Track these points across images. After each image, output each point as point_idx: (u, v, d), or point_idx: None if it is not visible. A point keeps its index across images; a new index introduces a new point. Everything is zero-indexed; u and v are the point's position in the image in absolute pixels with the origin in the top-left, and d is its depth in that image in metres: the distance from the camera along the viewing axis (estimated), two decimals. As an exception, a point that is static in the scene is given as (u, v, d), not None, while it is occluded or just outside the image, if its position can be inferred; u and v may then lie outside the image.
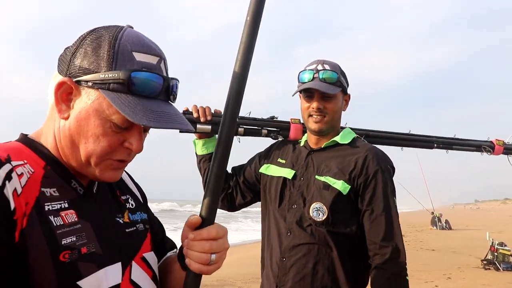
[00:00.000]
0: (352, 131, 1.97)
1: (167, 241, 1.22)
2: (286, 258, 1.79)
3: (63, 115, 0.88)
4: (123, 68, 0.84)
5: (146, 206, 1.16)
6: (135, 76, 0.83)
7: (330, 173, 1.80)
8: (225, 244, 0.94)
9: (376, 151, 1.85)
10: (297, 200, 1.83)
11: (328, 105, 1.83)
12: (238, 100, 0.93)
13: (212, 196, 0.93)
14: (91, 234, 0.88)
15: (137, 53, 0.86)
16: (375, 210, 1.74)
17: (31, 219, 0.78)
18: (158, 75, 0.87)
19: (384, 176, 1.77)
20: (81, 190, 0.93)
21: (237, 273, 8.23)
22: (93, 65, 0.85)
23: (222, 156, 0.93)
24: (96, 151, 0.87)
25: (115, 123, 0.86)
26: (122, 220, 1.00)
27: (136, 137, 0.89)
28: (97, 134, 0.86)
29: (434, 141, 2.39)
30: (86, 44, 0.86)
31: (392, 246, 1.70)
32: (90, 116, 0.86)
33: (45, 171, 0.87)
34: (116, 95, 0.83)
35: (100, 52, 0.85)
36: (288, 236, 1.80)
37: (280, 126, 2.08)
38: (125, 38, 0.86)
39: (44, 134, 0.93)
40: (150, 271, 1.01)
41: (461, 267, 9.83)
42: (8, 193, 0.76)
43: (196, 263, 0.91)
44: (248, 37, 0.94)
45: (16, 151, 0.86)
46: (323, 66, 1.85)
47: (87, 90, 0.85)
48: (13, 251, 0.76)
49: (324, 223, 1.75)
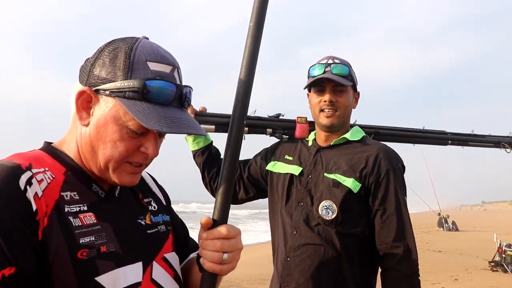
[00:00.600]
0: (361, 130, 1.94)
1: (190, 241, 1.26)
2: (291, 258, 1.75)
3: (83, 122, 0.93)
4: (138, 77, 0.88)
5: (169, 208, 1.21)
6: (149, 85, 0.88)
7: (340, 170, 1.76)
8: (238, 244, 0.97)
9: (387, 150, 1.81)
10: (304, 198, 1.78)
11: (340, 99, 1.80)
12: (245, 105, 0.97)
13: (224, 197, 0.97)
14: (111, 235, 0.92)
15: (152, 63, 0.91)
16: (387, 210, 1.70)
17: (51, 220, 0.84)
18: (171, 83, 0.91)
19: (395, 175, 1.74)
20: (103, 193, 0.97)
21: (244, 273, 8.24)
22: (110, 75, 0.90)
23: (232, 159, 0.97)
24: (114, 156, 0.92)
25: (131, 129, 0.90)
26: (144, 222, 1.05)
27: (151, 142, 0.94)
28: (115, 139, 0.91)
29: (449, 138, 2.28)
30: (104, 55, 0.92)
31: (404, 246, 1.67)
32: (108, 122, 0.90)
33: (65, 177, 0.92)
34: (132, 102, 0.88)
35: (117, 63, 0.90)
36: (294, 235, 1.76)
37: (286, 125, 2.05)
38: (140, 48, 0.91)
39: (67, 141, 0.99)
40: (172, 271, 1.05)
41: (468, 268, 9.78)
42: (30, 196, 0.82)
43: (209, 262, 0.94)
44: (252, 43, 0.97)
45: (37, 159, 0.92)
46: (334, 61, 1.83)
47: (105, 98, 0.90)
48: (38, 248, 0.81)
49: (333, 222, 1.70)
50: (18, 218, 0.79)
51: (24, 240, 0.79)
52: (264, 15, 0.98)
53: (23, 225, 0.79)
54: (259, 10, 0.97)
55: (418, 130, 2.25)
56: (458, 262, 10.76)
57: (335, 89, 1.81)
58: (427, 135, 2.26)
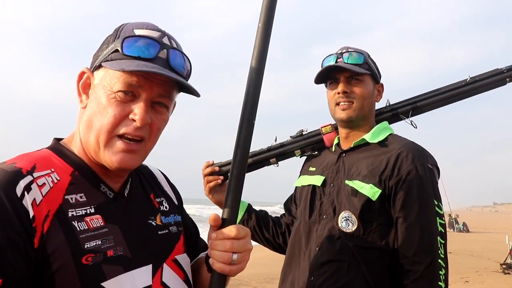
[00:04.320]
0: (388, 126, 1.73)
1: (200, 241, 1.24)
2: (315, 277, 1.55)
3: (82, 105, 0.93)
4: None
5: (181, 208, 1.19)
6: (127, 40, 0.88)
7: (360, 176, 1.57)
8: (247, 245, 0.95)
9: (412, 148, 1.57)
10: (328, 210, 1.61)
11: (355, 88, 1.64)
12: (254, 104, 0.97)
13: (233, 197, 0.96)
14: (119, 237, 0.90)
15: (138, 30, 0.92)
16: (408, 217, 1.48)
17: (52, 225, 0.82)
18: (152, 39, 0.90)
19: (419, 176, 1.50)
20: (111, 194, 0.95)
21: (252, 273, 8.24)
22: (101, 51, 0.93)
23: (242, 158, 0.96)
24: (102, 125, 0.89)
25: (118, 90, 0.88)
26: (154, 222, 1.02)
27: (141, 107, 0.89)
28: (104, 106, 0.89)
29: (506, 75, 1.83)
30: (103, 42, 0.95)
31: (427, 262, 1.42)
32: (99, 94, 0.90)
33: (72, 178, 0.90)
34: (114, 62, 0.88)
35: (109, 39, 0.93)
36: (317, 252, 1.57)
37: (312, 141, 1.86)
38: (129, 23, 0.94)
39: (75, 136, 0.97)
40: (182, 273, 1.03)
41: (479, 270, 9.65)
42: (27, 202, 0.80)
43: (218, 262, 0.93)
44: (260, 43, 0.97)
45: (44, 160, 0.90)
46: (347, 50, 1.68)
47: (98, 72, 0.92)
48: (32, 256, 0.79)
49: (354, 235, 1.51)
50: (10, 227, 0.77)
51: (14, 249, 0.77)
52: (272, 15, 0.98)
53: (15, 234, 0.77)
54: (267, 11, 0.97)
55: (463, 84, 1.84)
56: (469, 264, 10.63)
57: (349, 79, 1.65)
58: (477, 84, 1.83)
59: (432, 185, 1.52)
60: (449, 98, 1.84)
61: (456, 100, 1.85)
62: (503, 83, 1.84)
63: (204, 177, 1.89)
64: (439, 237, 1.47)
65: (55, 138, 0.99)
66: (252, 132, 0.97)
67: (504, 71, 1.84)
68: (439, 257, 1.45)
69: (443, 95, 1.83)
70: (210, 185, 1.86)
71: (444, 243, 1.48)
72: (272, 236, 1.92)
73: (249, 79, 0.97)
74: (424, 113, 1.85)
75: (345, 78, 1.65)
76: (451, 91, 1.84)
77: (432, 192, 1.51)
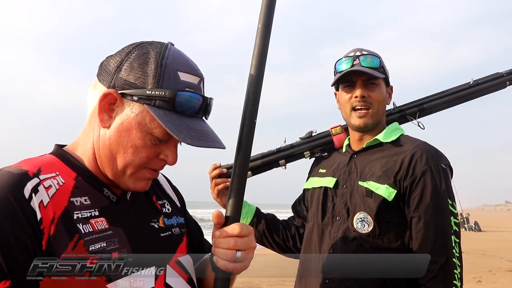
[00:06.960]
0: (399, 127, 1.75)
1: (205, 243, 1.26)
2: (330, 280, 1.54)
3: (105, 125, 0.93)
4: (169, 87, 0.89)
5: (184, 210, 1.21)
6: (180, 95, 0.89)
7: (374, 177, 1.57)
8: (251, 242, 0.96)
9: (426, 148, 1.58)
10: (341, 211, 1.61)
11: (372, 94, 1.63)
12: (255, 103, 0.98)
13: (236, 195, 0.98)
14: (124, 240, 0.92)
15: (182, 73, 0.92)
16: (423, 217, 1.48)
17: (58, 227, 0.83)
18: (199, 95, 0.93)
19: (433, 176, 1.51)
20: (114, 197, 0.98)
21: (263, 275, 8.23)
22: (139, 81, 0.90)
23: (244, 157, 0.98)
24: (134, 161, 0.93)
25: (155, 137, 0.92)
26: (157, 225, 1.05)
27: (172, 150, 0.96)
28: (137, 145, 0.92)
29: (506, 78, 1.93)
30: (132, 59, 0.91)
31: (442, 261, 1.43)
32: (132, 128, 0.91)
33: (76, 182, 0.92)
34: (161, 111, 0.89)
35: (147, 69, 0.90)
36: (331, 254, 1.57)
37: (321, 143, 1.87)
38: (171, 57, 0.92)
39: (82, 143, 0.99)
40: (186, 274, 1.05)
41: (492, 270, 9.55)
42: (35, 204, 0.82)
43: (222, 260, 0.94)
44: (260, 44, 0.99)
45: (48, 164, 0.92)
46: (362, 52, 1.67)
47: (131, 103, 0.91)
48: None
49: (370, 236, 1.52)
50: (19, 228, 0.78)
51: (23, 251, 0.78)
52: (272, 17, 0.99)
53: (24, 235, 0.78)
54: (266, 12, 0.99)
55: (467, 86, 1.92)
56: (481, 263, 10.53)
57: (366, 83, 1.64)
58: (480, 86, 1.92)
59: (446, 185, 1.53)
60: (453, 100, 1.92)
61: (460, 102, 1.93)
62: (503, 86, 1.94)
63: (211, 180, 1.86)
64: (453, 236, 1.48)
65: (57, 144, 1.01)
66: (253, 130, 0.99)
67: (504, 74, 1.94)
68: (454, 256, 1.45)
69: (448, 97, 1.91)
70: (218, 187, 1.83)
71: (459, 242, 1.49)
72: (282, 240, 1.91)
73: (250, 79, 0.99)
74: (430, 115, 1.90)
75: (362, 82, 1.64)
76: (455, 93, 1.92)
77: (446, 192, 1.52)
